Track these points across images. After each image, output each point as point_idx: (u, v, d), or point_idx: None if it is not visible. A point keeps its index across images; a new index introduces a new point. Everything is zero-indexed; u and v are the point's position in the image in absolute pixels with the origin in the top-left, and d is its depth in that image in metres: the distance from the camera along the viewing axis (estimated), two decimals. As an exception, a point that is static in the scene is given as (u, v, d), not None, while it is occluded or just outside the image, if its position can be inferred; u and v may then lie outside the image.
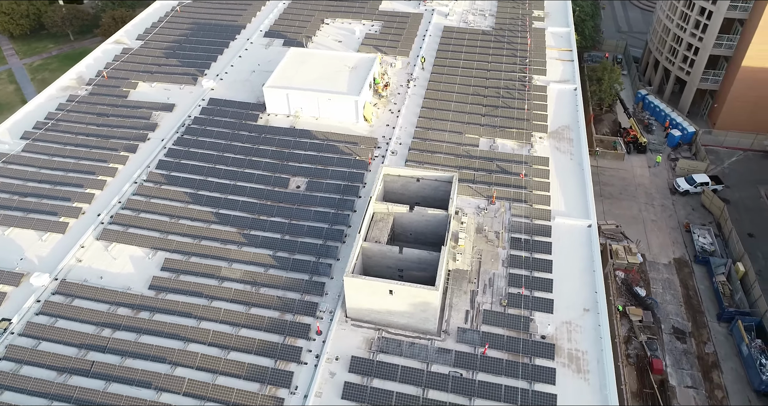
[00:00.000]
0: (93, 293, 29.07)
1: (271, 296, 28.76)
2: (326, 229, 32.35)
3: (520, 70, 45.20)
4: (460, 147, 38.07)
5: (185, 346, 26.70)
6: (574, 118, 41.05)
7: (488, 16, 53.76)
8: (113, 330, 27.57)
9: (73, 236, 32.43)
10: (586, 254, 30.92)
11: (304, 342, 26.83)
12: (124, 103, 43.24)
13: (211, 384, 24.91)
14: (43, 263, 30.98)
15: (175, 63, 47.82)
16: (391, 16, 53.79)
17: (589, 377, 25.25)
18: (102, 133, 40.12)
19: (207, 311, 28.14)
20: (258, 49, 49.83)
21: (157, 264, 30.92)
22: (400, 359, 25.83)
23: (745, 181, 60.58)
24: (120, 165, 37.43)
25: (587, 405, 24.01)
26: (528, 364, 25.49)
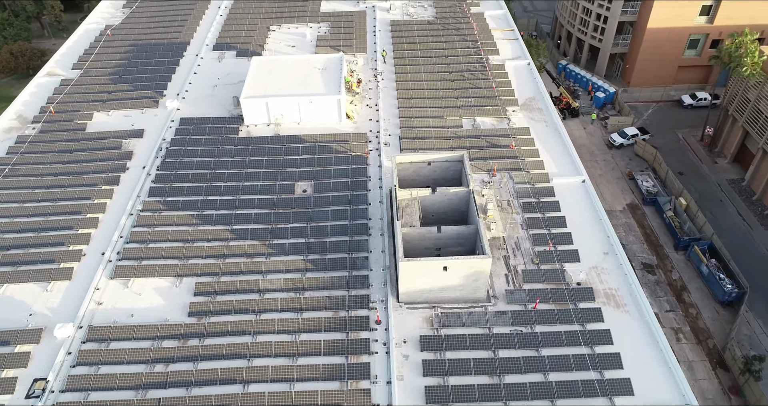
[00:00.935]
0: (130, 333, 27.41)
1: (319, 297, 28.83)
2: (348, 225, 32.82)
3: (475, 53, 48.02)
4: (446, 129, 39.98)
5: (250, 363, 26.12)
6: (536, 90, 44.46)
7: (427, 7, 56.18)
8: (167, 364, 26.28)
9: (83, 280, 30.15)
10: (589, 206, 34.10)
11: (368, 333, 27.32)
12: (86, 135, 40.38)
13: (292, 392, 24.75)
14: (59, 313, 28.59)
15: (128, 88, 45.23)
16: (335, 16, 54.47)
17: (629, 309, 28.20)
18: (72, 171, 37.26)
19: (259, 324, 27.65)
20: (211, 64, 48.42)
21: (188, 290, 29.71)
22: (464, 329, 27.20)
23: (663, 128, 68.59)
24: (106, 199, 35.10)
25: (636, 334, 26.95)
26: (575, 309, 27.95)
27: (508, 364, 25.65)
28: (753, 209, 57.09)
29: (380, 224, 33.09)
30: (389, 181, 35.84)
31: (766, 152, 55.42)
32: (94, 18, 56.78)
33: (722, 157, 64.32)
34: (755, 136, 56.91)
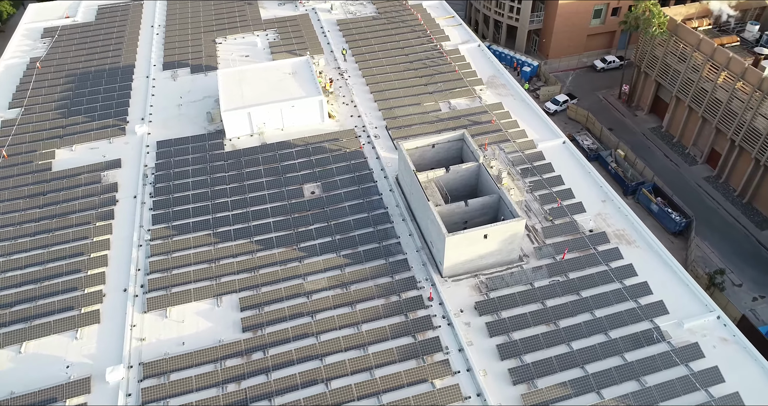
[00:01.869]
0: (187, 361, 26.41)
1: (367, 287, 29.50)
2: (369, 216, 33.63)
3: (427, 42, 50.24)
4: (427, 115, 41.80)
5: (323, 361, 26.33)
6: (494, 68, 47.61)
7: (366, 4, 57.56)
8: (238, 382, 25.75)
9: (114, 320, 28.40)
10: (576, 162, 37.57)
11: (425, 311, 28.50)
12: (55, 175, 37.36)
13: (376, 379, 25.37)
14: (101, 358, 26.80)
15: (83, 119, 42.24)
16: (280, 22, 54.23)
17: (639, 244, 31.80)
18: (54, 213, 34.45)
19: (319, 324, 27.83)
20: (166, 83, 46.41)
21: (232, 307, 29.05)
22: (510, 289, 29.28)
23: (585, 92, 75.67)
24: (106, 235, 32.98)
25: (652, 263, 30.53)
26: (597, 252, 31.04)
27: (559, 310, 28.12)
28: (676, 150, 65.05)
29: (398, 211, 34.26)
30: (392, 170, 37.05)
31: (679, 99, 63.29)
32: (11, 53, 51.93)
33: (640, 109, 72.30)
34: (667, 87, 64.69)
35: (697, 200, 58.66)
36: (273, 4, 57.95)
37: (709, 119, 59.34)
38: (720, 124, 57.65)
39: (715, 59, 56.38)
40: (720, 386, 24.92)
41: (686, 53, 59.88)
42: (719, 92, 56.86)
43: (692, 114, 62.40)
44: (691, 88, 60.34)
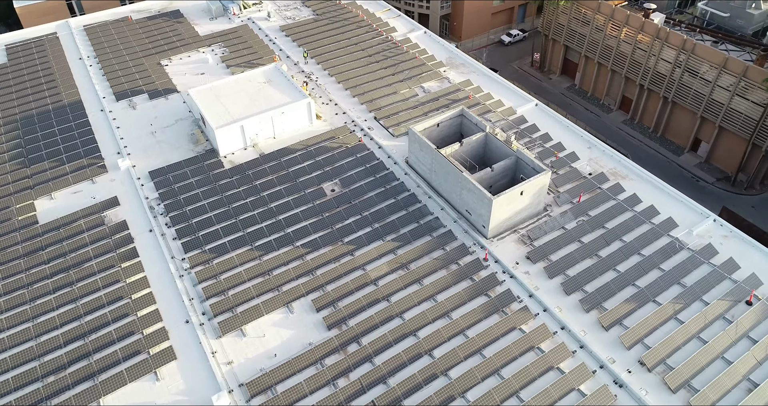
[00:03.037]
0: (288, 370, 26.29)
1: (426, 263, 31.13)
2: (398, 201, 35.11)
3: (377, 35, 52.16)
4: (408, 101, 43.87)
5: (418, 337, 27.65)
6: (447, 50, 50.83)
7: (300, 8, 57.97)
8: (346, 376, 26.22)
9: (192, 352, 27.31)
10: (553, 120, 41.92)
11: (485, 271, 30.84)
12: (47, 227, 34.07)
13: (473, 338, 27.19)
14: (195, 392, 25.77)
15: (51, 165, 38.61)
16: (221, 35, 52.91)
17: (631, 177, 36.67)
18: (68, 264, 31.65)
19: (399, 305, 29.02)
20: (127, 113, 43.67)
21: (306, 310, 29.18)
22: (548, 236, 32.58)
23: (500, 65, 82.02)
24: (139, 274, 31.08)
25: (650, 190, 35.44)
26: (603, 190, 35.39)
27: (595, 244, 31.91)
28: (592, 102, 73.49)
29: (421, 191, 36.11)
30: (399, 156, 38.71)
31: (588, 58, 71.57)
32: None
33: (552, 73, 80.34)
34: (575, 49, 72.78)
35: (622, 141, 67.08)
36: (204, 20, 56.33)
37: (618, 71, 67.92)
38: (629, 73, 66.29)
39: (615, 18, 64.75)
40: (739, 272, 30.21)
41: (588, 17, 67.94)
42: (623, 46, 65.41)
43: (602, 69, 70.88)
44: (597, 47, 68.58)
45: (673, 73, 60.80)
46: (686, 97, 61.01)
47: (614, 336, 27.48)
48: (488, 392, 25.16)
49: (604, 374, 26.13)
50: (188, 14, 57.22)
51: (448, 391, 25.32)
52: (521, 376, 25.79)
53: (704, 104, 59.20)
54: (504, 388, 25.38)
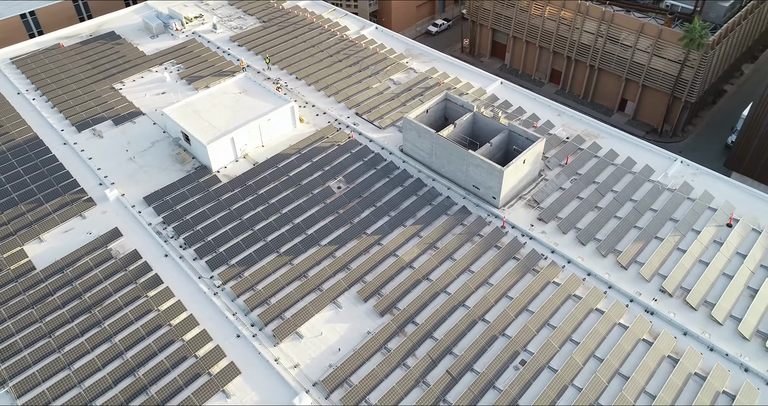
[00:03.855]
0: (356, 361, 26.93)
1: (451, 240, 32.83)
2: (405, 188, 36.47)
3: (331, 35, 52.82)
4: (383, 94, 45.18)
5: (468, 306, 29.28)
6: (402, 42, 52.65)
7: (244, 16, 57.12)
8: (413, 355, 27.27)
9: (256, 364, 27.12)
10: (520, 94, 45.24)
11: (507, 237, 33.11)
12: (48, 271, 31.75)
13: (518, 297, 29.28)
14: (274, 398, 25.66)
15: (29, 207, 35.75)
16: (172, 52, 51.00)
17: (602, 136, 40.61)
18: (87, 305, 29.80)
19: (440, 282, 30.53)
20: (94, 142, 41.21)
21: (354, 302, 29.83)
22: (551, 197, 35.52)
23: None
24: (170, 299, 29.97)
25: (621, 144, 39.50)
26: (585, 149, 38.95)
27: (593, 197, 35.22)
28: (525, 79, 78.63)
29: (423, 175, 37.69)
30: (392, 146, 39.98)
31: (516, 38, 76.74)
32: None
33: (483, 56, 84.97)
34: (503, 31, 77.69)
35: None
36: (145, 39, 53.97)
37: (545, 47, 73.47)
38: (556, 47, 71.98)
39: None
40: (714, 201, 34.82)
41: (515, 3, 72.87)
42: (548, 24, 70.92)
43: (530, 47, 76.23)
44: (524, 27, 73.78)
45: (596, 42, 67.01)
46: (610, 63, 67.49)
47: (634, 273, 30.89)
48: (546, 342, 27.41)
49: (635, 307, 29.39)
50: (125, 35, 54.53)
51: (511, 347, 27.27)
52: (569, 322, 28.32)
53: (627, 67, 65.87)
54: (558, 335, 27.77)
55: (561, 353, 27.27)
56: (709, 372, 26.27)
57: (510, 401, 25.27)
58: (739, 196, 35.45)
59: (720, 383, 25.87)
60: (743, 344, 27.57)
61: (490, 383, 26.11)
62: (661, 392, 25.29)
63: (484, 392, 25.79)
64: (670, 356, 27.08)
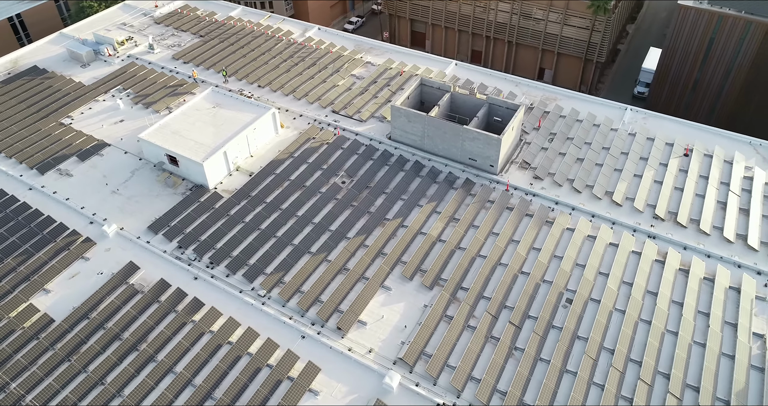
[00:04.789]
0: (426, 333, 28.40)
1: (467, 211, 35.09)
2: (407, 172, 38.20)
3: (278, 39, 52.69)
4: (352, 89, 46.25)
5: (506, 265, 31.78)
6: (350, 40, 53.91)
7: (178, 33, 54.94)
8: (476, 318, 29.24)
9: (331, 358, 27.65)
10: (477, 73, 48.60)
11: (513, 199, 36.17)
12: (71, 320, 29.57)
13: (545, 245, 32.28)
14: (362, 384, 26.48)
15: (19, 259, 32.67)
16: (114, 78, 48.03)
17: (560, 98, 45.09)
18: (132, 344, 28.27)
19: (472, 248, 32.77)
20: (66, 182, 38.29)
21: (401, 282, 31.25)
22: (538, 157, 39.11)
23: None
24: (220, 319, 29.27)
25: (579, 103, 44.18)
26: (551, 112, 43.09)
27: (572, 151, 39.30)
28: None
29: (417, 157, 39.58)
30: (380, 135, 41.45)
31: (435, 25, 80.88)
32: None
33: (404, 46, 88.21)
34: (421, 20, 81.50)
35: (488, 88, 78.21)
36: (76, 69, 50.29)
37: (464, 30, 78.39)
38: (474, 29, 77.09)
39: (449, -14, 74.51)
40: (669, 138, 40.46)
41: (426, -11, 76.76)
42: (464, 8, 75.68)
43: (449, 32, 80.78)
44: (442, 14, 78.01)
45: (511, 20, 72.85)
46: (526, 37, 73.76)
47: (629, 207, 35.31)
48: (582, 278, 30.66)
49: (639, 234, 33.71)
50: (51, 67, 50.37)
51: (555, 290, 30.23)
52: (593, 258, 31.80)
53: (542, 39, 72.50)
54: (589, 271, 31.08)
55: (597, 285, 30.80)
56: (715, 274, 31.21)
57: (571, 334, 28.26)
58: (683, 130, 41.47)
59: (725, 281, 30.79)
60: (730, 246, 32.90)
61: (549, 323, 28.95)
62: (686, 299, 29.65)
63: (546, 332, 28.55)
64: (681, 269, 31.69)
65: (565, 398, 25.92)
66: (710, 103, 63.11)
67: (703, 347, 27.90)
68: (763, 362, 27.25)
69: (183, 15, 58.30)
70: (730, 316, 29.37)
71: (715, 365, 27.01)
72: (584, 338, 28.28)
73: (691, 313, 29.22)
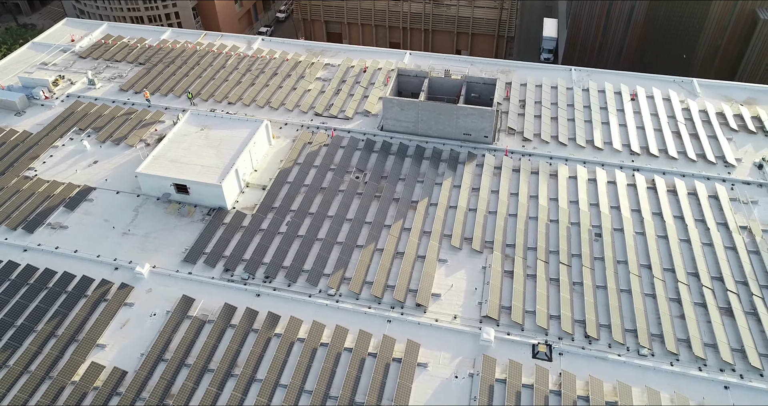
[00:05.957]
0: (495, 290, 31.17)
1: (483, 181, 38.26)
2: (412, 156, 40.50)
3: (226, 54, 51.59)
4: (326, 91, 47.14)
5: (536, 218, 35.32)
6: (298, 44, 54.45)
7: (113, 64, 51.39)
8: (528, 266, 32.42)
9: (422, 333, 29.26)
10: (432, 58, 51.94)
11: (515, 161, 40.05)
12: (149, 365, 28.08)
13: (560, 196, 36.39)
14: (462, 349, 28.41)
15: (54, 324, 29.70)
16: (64, 121, 44.22)
17: (513, 69, 49.94)
18: (248, 374, 27.35)
19: (501, 210, 36.04)
20: (64, 234, 35.41)
21: (452, 252, 33.66)
22: (518, 121, 43.37)
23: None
24: (303, 325, 29.29)
25: (530, 71, 49.27)
26: (511, 82, 47.68)
27: (545, 111, 44.16)
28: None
29: (415, 142, 41.93)
30: (372, 128, 43.14)
31: (351, 24, 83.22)
32: None
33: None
34: (336, 20, 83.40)
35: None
36: (11, 118, 45.44)
37: (380, 25, 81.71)
38: (391, 23, 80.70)
39: (360, -16, 77.23)
40: (614, 87, 46.94)
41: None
42: (378, 4, 78.84)
43: (365, 28, 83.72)
44: (357, 12, 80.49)
45: (425, 9, 77.52)
46: (441, 23, 78.96)
47: (609, 149, 40.85)
48: (602, 214, 35.34)
49: (626, 170, 39.25)
50: (-20, 121, 45.02)
51: (584, 229, 34.49)
52: (603, 197, 36.65)
53: (456, 23, 78.11)
54: (602, 208, 35.88)
55: (613, 217, 35.63)
56: (695, 189, 37.57)
57: (612, 261, 32.67)
58: (621, 79, 48.27)
59: (704, 192, 37.26)
60: (695, 164, 39.62)
61: (592, 257, 33.11)
62: (683, 212, 35.53)
63: (593, 264, 32.68)
64: (669, 190, 37.66)
65: (630, 312, 30.17)
66: (615, 57, 72.78)
67: (711, 247, 33.91)
68: (756, 247, 33.85)
69: (109, 45, 54.75)
70: (720, 218, 35.81)
71: (725, 256, 33.05)
72: (624, 262, 32.93)
73: (692, 222, 35.20)
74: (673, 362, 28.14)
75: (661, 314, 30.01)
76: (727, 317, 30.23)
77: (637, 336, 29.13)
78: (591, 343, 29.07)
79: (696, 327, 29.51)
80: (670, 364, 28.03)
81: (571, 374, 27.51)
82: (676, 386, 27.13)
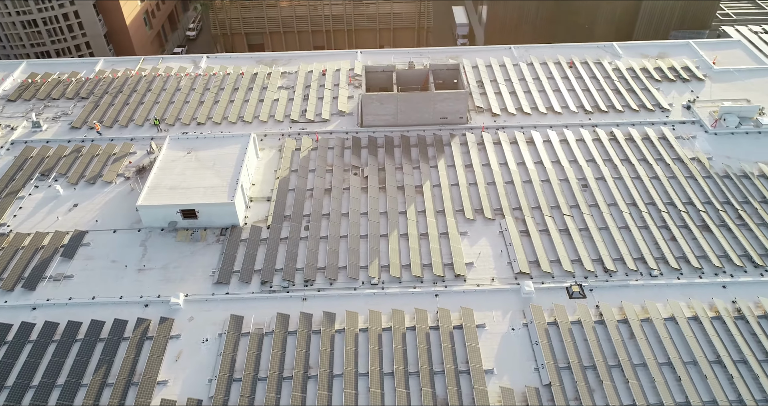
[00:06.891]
0: (519, 248, 33.90)
1: (473, 158, 41.11)
2: (401, 147, 42.43)
3: (178, 79, 49.89)
4: (295, 98, 47.51)
5: (533, 183, 38.91)
6: (248, 57, 53.93)
7: (51, 103, 47.62)
8: (545, 232, 35.87)
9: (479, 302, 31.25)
10: (386, 55, 54.02)
11: (493, 135, 43.40)
12: (223, 388, 27.12)
13: (552, 161, 40.38)
14: (507, 305, 30.92)
15: (102, 373, 27.79)
16: (20, 169, 40.47)
17: (458, 53, 53.56)
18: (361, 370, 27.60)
19: (499, 180, 38.91)
20: (72, 285, 33.06)
21: (469, 224, 36.40)
22: (483, 99, 46.85)
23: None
24: (354, 328, 30.26)
25: (477, 53, 53.15)
26: (463, 65, 51.19)
27: (503, 87, 48.18)
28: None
29: (400, 132, 44.03)
30: (353, 126, 44.63)
31: (273, 32, 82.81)
32: None
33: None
34: (256, 31, 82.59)
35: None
36: (-47, 177, 40.84)
37: (303, 30, 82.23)
38: (313, 27, 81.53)
39: (278, -7, 77.28)
40: (559, 62, 52.18)
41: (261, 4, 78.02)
42: (298, 10, 79.28)
43: (288, 36, 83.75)
44: (278, 20, 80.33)
45: (346, 10, 79.34)
46: (363, 21, 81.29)
47: (567, 112, 45.78)
48: (594, 168, 39.77)
49: (588, 128, 44.34)
50: None
51: (574, 185, 38.78)
52: (595, 154, 41.24)
53: (378, 20, 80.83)
54: (595, 163, 40.42)
55: (592, 168, 40.33)
56: (647, 134, 43.45)
57: (606, 204, 37.21)
58: (557, 50, 53.87)
59: (654, 136, 43.21)
60: (638, 114, 45.68)
61: (587, 204, 37.41)
62: (646, 155, 41.10)
63: (591, 211, 36.98)
64: (627, 138, 43.24)
65: (633, 243, 34.64)
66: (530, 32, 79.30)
67: (676, 178, 39.58)
68: (707, 172, 40.14)
69: (39, 84, 50.69)
70: (674, 154, 41.80)
71: (688, 184, 38.92)
72: (614, 203, 37.62)
73: (653, 161, 40.87)
74: (678, 276, 33.17)
75: (657, 239, 35.03)
76: (706, 231, 35.98)
77: (646, 262, 33.79)
78: (611, 276, 33.27)
79: (686, 245, 34.81)
80: (677, 278, 33.02)
81: (606, 304, 31.48)
82: (688, 295, 32.09)
